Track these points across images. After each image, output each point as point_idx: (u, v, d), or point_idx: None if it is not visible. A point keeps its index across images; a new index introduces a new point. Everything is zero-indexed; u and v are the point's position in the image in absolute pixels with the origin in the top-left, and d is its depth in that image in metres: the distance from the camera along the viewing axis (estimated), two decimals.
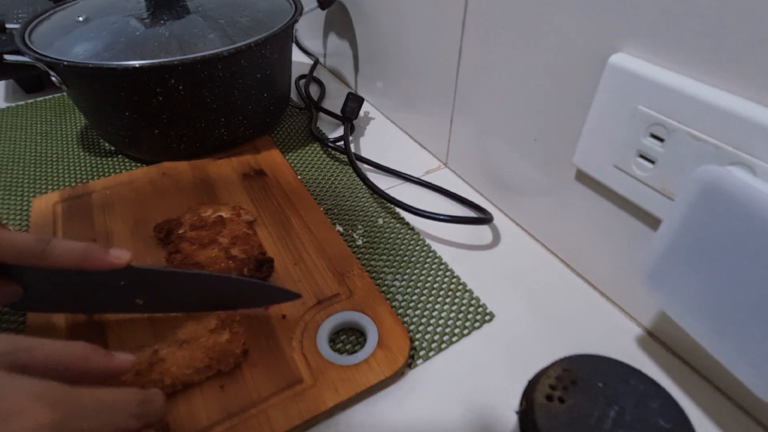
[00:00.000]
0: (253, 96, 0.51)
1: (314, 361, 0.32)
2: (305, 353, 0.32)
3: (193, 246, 0.38)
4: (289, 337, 0.33)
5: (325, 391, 0.30)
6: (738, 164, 0.25)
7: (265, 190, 0.47)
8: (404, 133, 0.58)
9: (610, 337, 0.35)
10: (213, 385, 0.30)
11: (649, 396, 0.19)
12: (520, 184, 0.43)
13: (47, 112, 0.62)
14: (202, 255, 0.37)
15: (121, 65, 0.42)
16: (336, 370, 0.31)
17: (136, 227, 0.42)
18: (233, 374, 0.31)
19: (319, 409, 0.29)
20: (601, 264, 0.38)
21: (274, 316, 0.35)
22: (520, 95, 0.39)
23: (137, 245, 0.41)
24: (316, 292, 0.36)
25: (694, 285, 0.26)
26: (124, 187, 0.47)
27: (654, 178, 0.29)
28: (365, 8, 0.57)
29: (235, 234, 0.39)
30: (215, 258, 0.37)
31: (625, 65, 0.29)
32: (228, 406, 0.29)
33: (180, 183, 0.48)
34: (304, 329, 0.34)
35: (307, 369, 0.31)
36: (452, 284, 0.39)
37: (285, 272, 0.38)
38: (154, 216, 0.43)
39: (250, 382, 0.31)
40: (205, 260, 0.37)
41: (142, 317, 0.35)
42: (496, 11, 0.38)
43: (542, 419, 0.19)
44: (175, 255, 0.38)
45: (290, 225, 0.43)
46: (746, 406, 0.30)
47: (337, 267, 0.39)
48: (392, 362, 0.32)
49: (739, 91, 0.25)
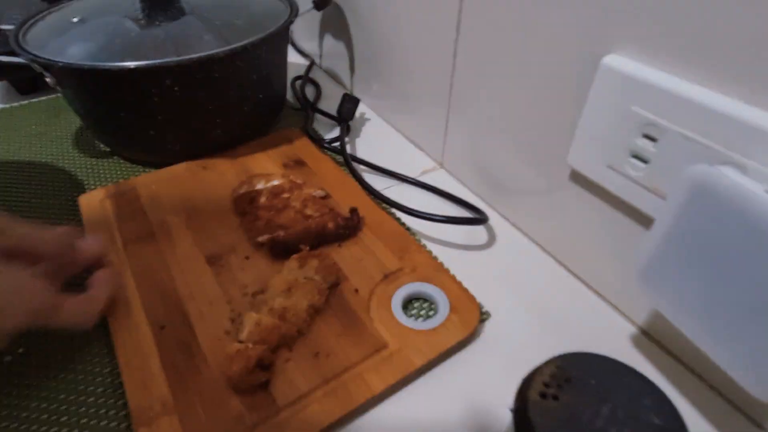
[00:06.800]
0: (249, 97, 0.51)
1: (394, 328, 0.34)
2: (384, 322, 0.35)
3: (270, 212, 0.42)
4: (365, 309, 0.36)
5: (411, 353, 0.33)
6: (729, 164, 0.25)
7: (308, 177, 0.48)
8: (400, 134, 0.58)
9: (605, 336, 0.35)
10: (306, 354, 0.33)
11: (642, 393, 0.20)
12: (515, 184, 0.43)
13: (42, 114, 0.61)
14: (283, 218, 0.42)
15: (117, 66, 0.42)
16: (417, 335, 0.34)
17: (189, 219, 0.44)
18: (322, 344, 0.33)
19: (410, 368, 0.32)
20: (595, 263, 0.38)
21: (347, 290, 0.37)
22: (514, 96, 0.39)
23: (212, 226, 0.43)
24: (381, 268, 0.39)
25: (686, 284, 0.27)
26: (167, 182, 0.48)
27: (647, 178, 0.29)
28: (361, 9, 0.57)
29: (303, 197, 0.44)
30: (294, 219, 0.42)
31: (618, 66, 0.29)
32: (323, 373, 0.32)
33: (223, 175, 0.49)
34: (378, 301, 0.36)
35: (390, 335, 0.34)
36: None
37: (346, 250, 0.41)
38: (204, 206, 0.45)
39: (339, 351, 0.33)
40: (286, 222, 0.41)
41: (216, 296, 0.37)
42: (490, 13, 0.38)
43: (536, 416, 0.19)
44: (256, 222, 0.42)
45: (339, 208, 0.44)
46: (739, 403, 0.31)
47: (395, 245, 0.41)
48: (467, 324, 0.35)
49: (731, 92, 0.25)
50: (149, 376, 0.31)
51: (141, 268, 0.39)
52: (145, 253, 0.40)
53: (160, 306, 0.36)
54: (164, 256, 0.40)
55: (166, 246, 0.41)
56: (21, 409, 0.31)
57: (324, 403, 0.30)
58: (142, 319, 0.35)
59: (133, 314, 0.35)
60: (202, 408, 0.30)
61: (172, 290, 0.37)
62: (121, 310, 0.36)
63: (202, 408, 0.30)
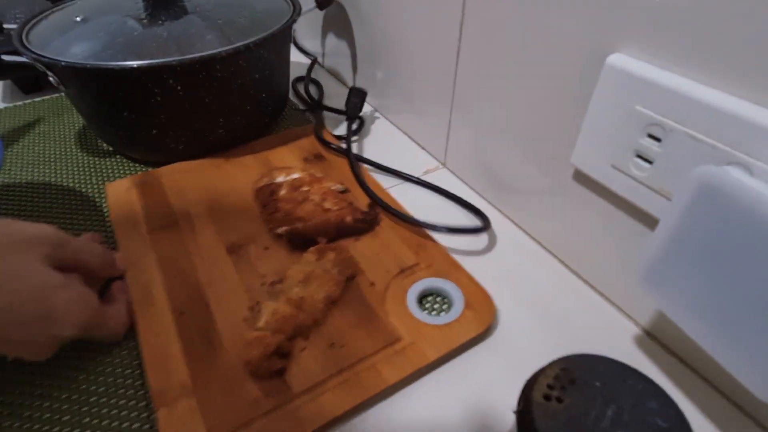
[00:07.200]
0: (252, 96, 0.51)
1: (409, 322, 0.35)
2: (399, 316, 0.35)
3: (290, 204, 0.43)
4: (380, 302, 0.36)
5: (425, 347, 0.33)
6: (735, 164, 0.25)
7: (327, 172, 0.49)
8: (403, 133, 0.58)
9: (609, 337, 0.35)
10: (321, 343, 0.33)
11: (646, 395, 0.20)
12: (518, 183, 0.43)
13: (45, 113, 0.61)
14: (302, 210, 0.42)
15: (119, 65, 0.42)
16: (431, 329, 0.34)
17: (211, 209, 0.45)
18: (338, 334, 0.34)
19: (424, 362, 0.32)
20: (599, 264, 0.38)
21: (364, 283, 0.38)
22: (518, 95, 0.39)
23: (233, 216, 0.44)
24: (397, 262, 0.39)
25: (691, 285, 0.26)
26: (191, 174, 0.49)
27: (651, 178, 0.29)
28: (363, 8, 0.57)
29: (322, 191, 0.44)
30: (313, 211, 0.42)
31: (622, 65, 0.29)
32: (338, 362, 0.32)
33: (245, 168, 0.50)
34: (393, 295, 0.37)
35: (404, 329, 0.34)
36: None
37: (364, 244, 0.41)
38: (226, 197, 0.46)
39: (354, 342, 0.33)
40: (305, 214, 0.42)
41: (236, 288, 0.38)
42: (493, 12, 0.38)
43: (540, 419, 0.19)
44: (276, 214, 0.42)
45: (357, 203, 0.45)
46: (744, 405, 0.30)
47: (412, 240, 0.41)
48: (481, 321, 0.35)
49: (737, 92, 0.25)
50: (169, 360, 0.32)
51: (164, 255, 0.40)
52: (168, 241, 0.41)
53: (181, 292, 0.37)
54: (186, 245, 0.41)
55: (189, 235, 0.42)
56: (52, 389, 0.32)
57: (338, 392, 0.31)
58: (163, 305, 0.36)
59: (155, 299, 0.36)
60: (220, 391, 0.31)
61: (193, 277, 0.38)
62: (144, 295, 0.36)
63: (220, 391, 0.31)
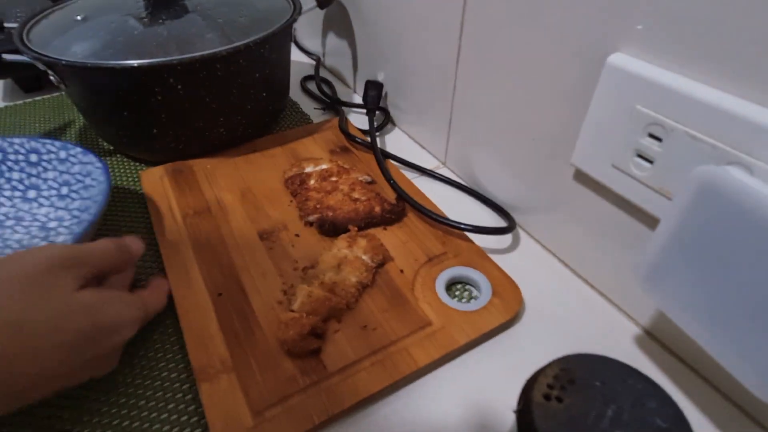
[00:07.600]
0: (252, 95, 0.51)
1: (438, 308, 0.35)
2: (428, 302, 0.36)
3: (320, 194, 0.44)
4: (410, 288, 0.37)
5: (454, 332, 0.34)
6: (735, 164, 0.25)
7: (354, 163, 0.50)
8: (403, 133, 0.58)
9: (609, 337, 0.35)
10: (354, 326, 0.34)
11: (646, 395, 0.20)
12: (519, 183, 0.43)
13: (45, 112, 0.61)
14: (331, 199, 0.43)
15: (120, 64, 0.42)
16: (460, 315, 0.35)
17: (243, 196, 0.46)
18: (369, 318, 0.35)
19: (454, 345, 0.33)
20: (599, 263, 0.38)
21: (393, 270, 0.38)
22: (518, 95, 0.39)
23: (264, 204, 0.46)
24: (425, 251, 0.40)
25: (691, 285, 0.26)
26: (221, 163, 0.51)
27: (652, 178, 0.29)
28: (364, 8, 0.57)
29: (351, 182, 0.45)
30: (342, 201, 0.43)
31: (623, 65, 0.29)
32: (370, 344, 0.33)
33: (273, 158, 0.52)
34: (422, 282, 0.37)
35: (434, 314, 0.35)
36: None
37: (392, 234, 0.42)
38: (256, 186, 0.48)
39: (385, 325, 0.34)
40: (335, 203, 0.43)
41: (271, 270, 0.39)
42: (494, 11, 0.38)
43: (540, 418, 0.19)
44: (307, 202, 0.44)
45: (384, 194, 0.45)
46: (744, 405, 0.30)
47: (439, 230, 0.42)
48: (509, 308, 0.36)
49: (737, 91, 0.25)
50: (209, 338, 0.34)
51: (199, 240, 0.41)
52: (202, 226, 0.43)
53: (217, 275, 0.38)
54: (220, 230, 0.42)
55: (222, 220, 0.43)
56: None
57: (371, 372, 0.32)
58: (200, 287, 0.37)
59: (192, 282, 0.38)
60: (258, 368, 0.32)
61: (228, 261, 0.39)
62: (182, 277, 0.38)
63: (258, 368, 0.32)
